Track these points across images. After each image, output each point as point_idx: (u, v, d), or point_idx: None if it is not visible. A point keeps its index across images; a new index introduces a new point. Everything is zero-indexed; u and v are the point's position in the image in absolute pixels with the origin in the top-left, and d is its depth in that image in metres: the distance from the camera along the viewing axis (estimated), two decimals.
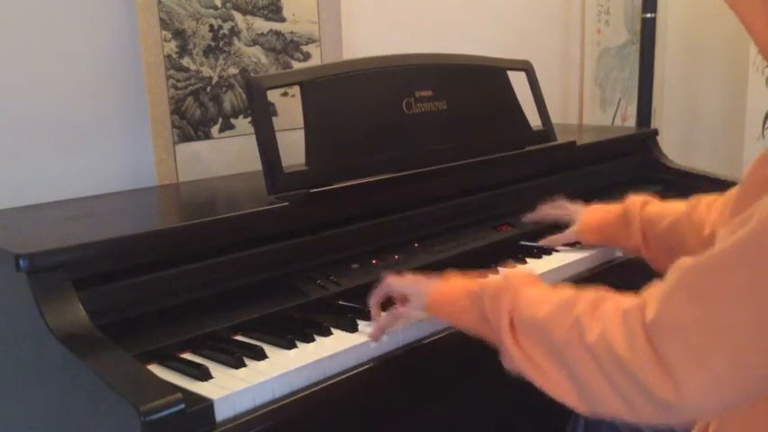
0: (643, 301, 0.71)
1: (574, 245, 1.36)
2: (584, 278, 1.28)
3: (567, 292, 0.82)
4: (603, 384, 0.72)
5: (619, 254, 1.37)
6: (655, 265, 1.22)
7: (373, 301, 1.01)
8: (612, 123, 2.61)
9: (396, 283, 1.00)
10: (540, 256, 1.31)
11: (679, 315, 0.67)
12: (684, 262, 0.69)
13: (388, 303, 1.02)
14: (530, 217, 1.41)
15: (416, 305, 0.97)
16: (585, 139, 1.82)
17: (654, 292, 0.71)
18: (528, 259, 1.29)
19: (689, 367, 0.66)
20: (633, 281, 0.90)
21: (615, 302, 0.75)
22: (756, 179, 0.69)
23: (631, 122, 2.54)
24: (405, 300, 0.99)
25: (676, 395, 0.66)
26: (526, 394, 0.84)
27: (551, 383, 0.78)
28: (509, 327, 0.83)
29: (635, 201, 1.25)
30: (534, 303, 0.82)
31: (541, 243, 1.36)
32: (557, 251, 1.34)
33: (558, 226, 1.38)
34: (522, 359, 0.81)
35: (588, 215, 1.33)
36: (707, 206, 1.13)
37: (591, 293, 0.79)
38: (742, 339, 0.64)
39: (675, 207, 1.19)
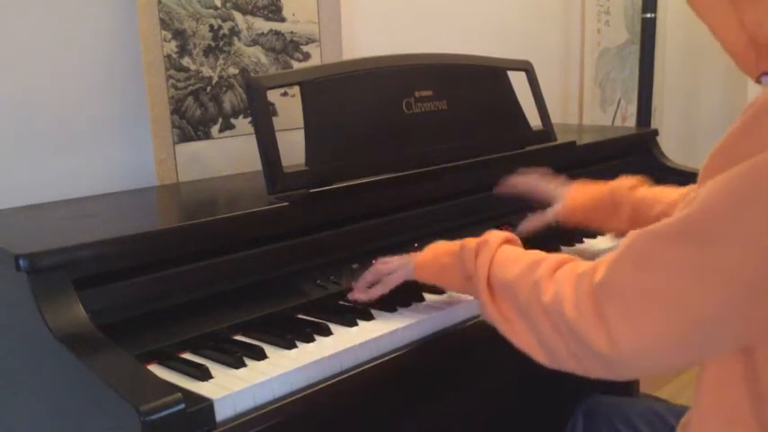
0: (596, 265, 0.77)
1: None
2: None
3: (536, 254, 0.89)
4: (558, 341, 0.78)
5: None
6: None
7: (361, 284, 1.09)
8: (612, 123, 2.61)
9: (383, 265, 1.09)
10: None
11: (621, 277, 0.73)
12: (635, 231, 0.74)
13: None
14: (502, 188, 1.35)
15: (405, 271, 1.06)
16: (585, 139, 1.81)
17: (606, 258, 0.76)
18: None
19: (624, 326, 0.71)
20: None
21: (572, 267, 0.81)
22: (712, 164, 0.72)
23: (631, 122, 2.54)
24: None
25: (611, 350, 0.72)
26: (524, 395, 0.84)
27: (520, 338, 0.85)
28: (486, 283, 0.91)
29: (623, 183, 1.23)
30: (507, 263, 0.90)
31: (520, 230, 1.30)
32: (557, 252, 1.34)
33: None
34: (495, 314, 0.88)
35: (572, 195, 1.28)
36: None
37: (554, 257, 0.86)
38: (675, 308, 0.69)
39: (668, 194, 1.18)
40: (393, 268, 1.08)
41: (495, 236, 0.96)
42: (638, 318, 0.71)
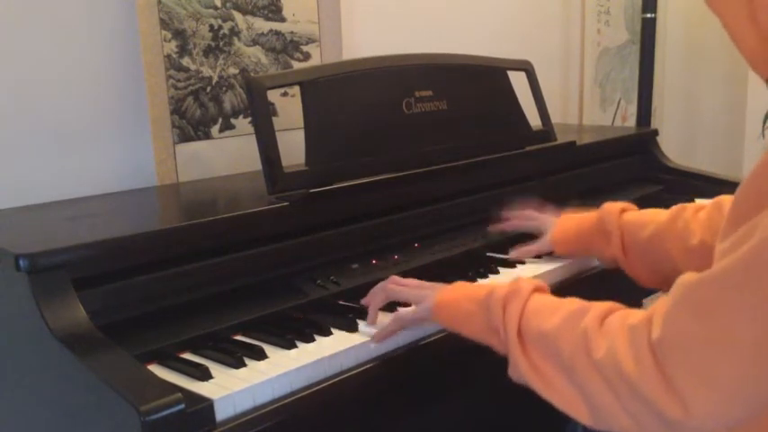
0: (650, 317, 0.71)
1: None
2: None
3: (576, 303, 0.81)
4: (612, 401, 0.72)
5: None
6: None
7: (374, 304, 1.01)
8: (612, 123, 2.61)
9: (398, 289, 1.00)
10: (514, 266, 1.25)
11: (683, 333, 0.67)
12: (687, 278, 0.69)
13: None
14: (498, 227, 1.32)
15: (422, 312, 0.96)
16: (585, 139, 1.82)
17: (659, 309, 0.70)
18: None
19: (695, 386, 0.66)
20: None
21: (622, 317, 0.74)
22: (756, 187, 0.68)
23: (631, 122, 2.54)
24: (407, 305, 0.99)
25: (684, 414, 0.67)
26: (525, 395, 0.83)
27: (560, 397, 0.77)
28: (517, 336, 0.82)
29: (612, 208, 1.18)
30: (542, 313, 0.81)
31: (511, 255, 1.26)
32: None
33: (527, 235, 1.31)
34: (529, 371, 0.80)
35: (561, 224, 1.25)
36: (692, 215, 1.08)
37: (600, 306, 0.78)
38: (747, 356, 0.64)
39: (657, 215, 1.13)
40: (409, 298, 0.99)
41: (525, 284, 0.87)
42: (708, 372, 0.65)
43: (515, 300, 0.84)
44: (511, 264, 1.26)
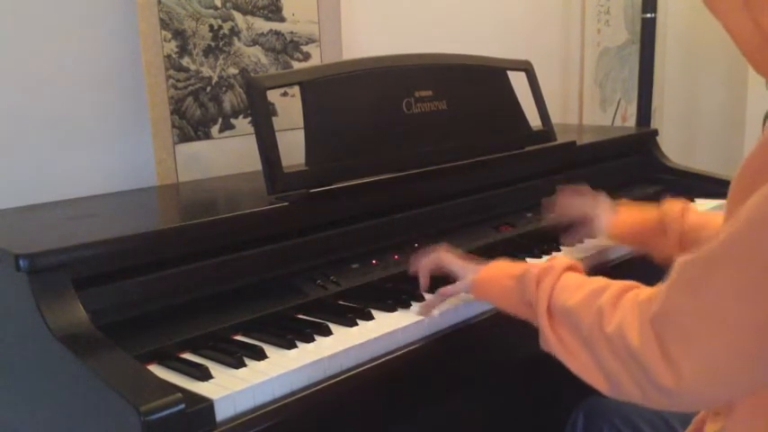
0: (655, 294, 0.75)
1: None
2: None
3: (598, 282, 0.86)
4: (621, 370, 0.76)
5: (617, 254, 1.36)
6: None
7: (423, 269, 1.09)
8: (612, 123, 2.61)
9: (447, 259, 1.08)
10: (540, 257, 1.31)
11: (676, 307, 0.71)
12: (682, 257, 0.73)
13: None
14: (552, 217, 1.37)
15: (462, 285, 1.04)
16: (585, 139, 1.82)
17: (662, 286, 0.75)
18: (528, 259, 1.29)
19: (685, 356, 0.70)
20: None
21: (635, 294, 0.79)
22: (748, 174, 0.71)
23: (631, 122, 2.54)
24: (449, 277, 1.06)
25: (675, 382, 0.70)
26: (519, 398, 0.84)
27: (581, 367, 0.82)
28: (546, 310, 0.88)
29: (674, 207, 1.21)
30: (569, 290, 0.87)
31: (565, 243, 1.34)
32: (558, 252, 1.33)
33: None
34: (555, 342, 0.86)
35: (620, 218, 1.29)
36: None
37: (618, 285, 0.83)
38: (730, 333, 0.67)
39: (716, 218, 1.16)
40: (455, 269, 1.06)
41: (558, 262, 0.93)
42: (696, 344, 0.70)
43: (547, 277, 0.90)
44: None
